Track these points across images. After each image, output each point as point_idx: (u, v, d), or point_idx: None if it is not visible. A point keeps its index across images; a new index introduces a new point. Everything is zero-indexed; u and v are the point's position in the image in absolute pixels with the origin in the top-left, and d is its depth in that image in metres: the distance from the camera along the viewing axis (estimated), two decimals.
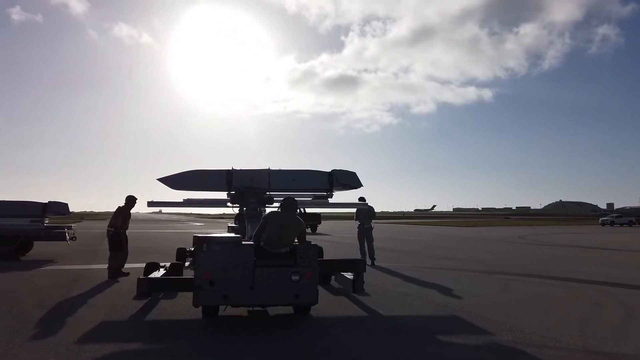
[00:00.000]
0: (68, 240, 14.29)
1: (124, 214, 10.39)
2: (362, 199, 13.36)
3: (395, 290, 8.78)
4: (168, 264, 9.03)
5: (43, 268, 11.90)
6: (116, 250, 10.01)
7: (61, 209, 14.74)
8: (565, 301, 7.92)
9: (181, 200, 9.44)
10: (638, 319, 6.63)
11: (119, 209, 10.48)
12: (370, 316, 6.74)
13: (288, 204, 6.50)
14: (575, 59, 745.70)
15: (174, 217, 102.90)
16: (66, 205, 14.86)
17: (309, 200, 9.96)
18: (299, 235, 6.36)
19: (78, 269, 11.63)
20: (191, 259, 9.60)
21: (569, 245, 22.21)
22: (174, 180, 8.88)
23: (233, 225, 10.43)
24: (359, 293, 7.78)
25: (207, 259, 5.75)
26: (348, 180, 9.37)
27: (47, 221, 14.91)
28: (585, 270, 12.10)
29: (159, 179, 8.92)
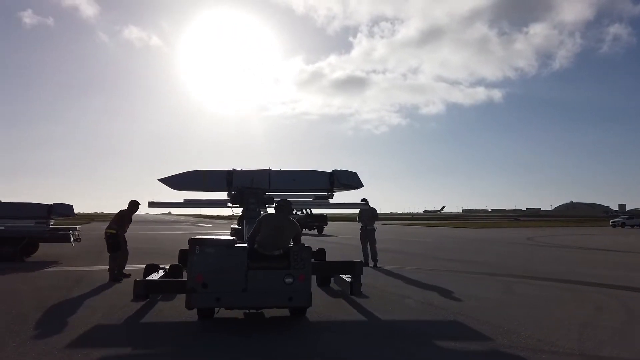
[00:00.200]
0: (72, 242, 14.39)
1: (124, 218, 10.42)
2: (365, 201, 13.30)
3: (395, 293, 8.72)
4: (168, 266, 9.03)
5: (46, 269, 11.97)
6: (114, 251, 10.04)
7: (66, 210, 14.86)
8: (568, 304, 7.82)
9: (182, 200, 9.46)
10: (639, 323, 6.52)
11: (120, 212, 10.52)
12: (366, 319, 6.68)
13: (282, 205, 6.48)
14: (586, 59, 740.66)
15: (182, 219, 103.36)
16: (71, 207, 14.98)
17: (309, 201, 9.94)
18: (294, 238, 6.32)
19: (81, 270, 11.69)
20: None
21: (577, 247, 21.98)
22: (175, 181, 8.89)
23: (236, 227, 10.41)
24: (357, 295, 7.73)
25: (200, 262, 5.74)
26: (349, 180, 9.32)
27: (52, 223, 15.04)
28: (591, 272, 11.95)
29: (159, 180, 8.93)
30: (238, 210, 9.18)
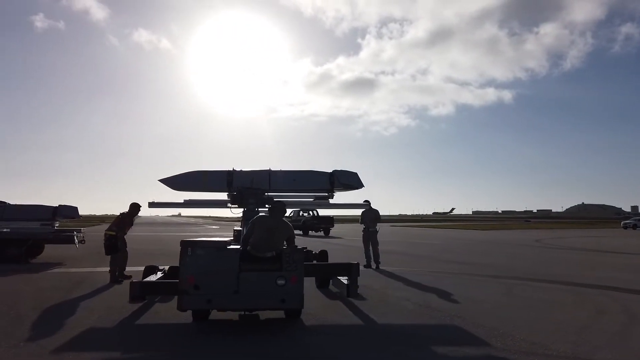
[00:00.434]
0: (77, 244, 14.49)
1: (124, 220, 10.47)
2: (367, 202, 13.26)
3: (394, 295, 8.66)
4: (167, 267, 9.05)
5: (50, 271, 12.07)
6: (113, 253, 10.08)
7: (71, 212, 14.99)
8: (568, 307, 7.71)
9: (181, 201, 9.47)
10: (639, 327, 6.41)
11: (121, 214, 10.58)
12: (362, 322, 6.64)
13: (276, 207, 6.46)
14: (598, 59, 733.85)
15: (192, 221, 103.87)
16: (76, 208, 15.10)
17: (310, 201, 9.90)
18: (287, 240, 6.30)
19: (83, 272, 11.77)
20: None
21: (585, 249, 21.71)
22: (176, 181, 8.89)
23: (239, 229, 10.39)
24: (354, 297, 7.70)
25: (192, 263, 5.75)
26: (349, 180, 9.26)
27: (58, 224, 15.16)
28: (597, 275, 11.79)
29: (160, 180, 8.95)
30: (238, 211, 9.17)
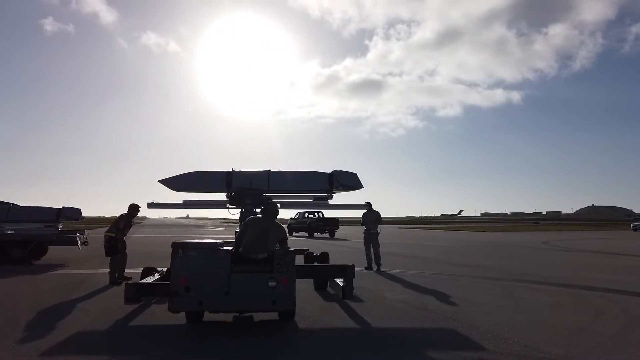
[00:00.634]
0: (79, 245, 14.60)
1: (123, 222, 10.52)
2: (368, 204, 13.22)
3: (391, 297, 8.61)
4: (165, 269, 9.06)
5: (52, 272, 12.16)
6: (112, 255, 10.13)
7: (74, 214, 15.12)
8: (567, 309, 7.62)
9: (181, 201, 9.49)
10: (637, 330, 6.32)
11: (121, 216, 10.63)
12: (356, 324, 6.59)
13: (268, 209, 6.45)
14: (608, 59, 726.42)
15: (200, 222, 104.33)
16: (79, 210, 15.22)
17: (309, 202, 9.88)
18: (280, 241, 6.29)
19: (85, 273, 11.84)
20: None
21: (593, 251, 21.47)
22: (175, 182, 8.90)
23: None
24: (349, 299, 7.67)
25: (183, 265, 5.75)
26: (348, 181, 9.22)
27: (61, 226, 15.28)
28: (601, 277, 11.65)
29: (159, 181, 8.97)
30: (235, 212, 9.17)
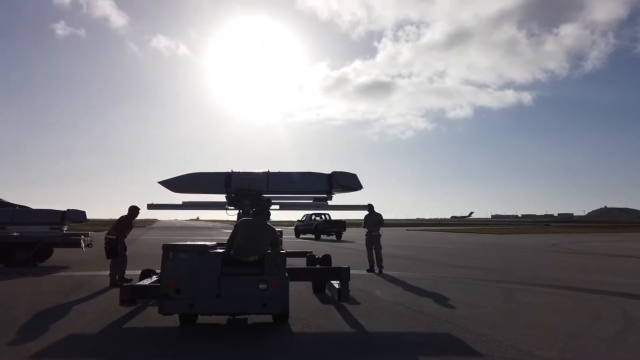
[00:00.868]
0: (83, 247, 14.69)
1: (123, 224, 10.56)
2: (371, 206, 13.19)
3: (389, 300, 8.54)
4: None
5: (55, 274, 12.24)
6: (113, 257, 10.17)
7: (79, 216, 15.24)
8: (566, 312, 7.51)
9: (180, 202, 9.51)
10: (634, 333, 6.20)
11: (121, 218, 10.68)
12: (349, 327, 6.53)
13: (260, 211, 6.43)
14: (620, 60, 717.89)
15: (210, 225, 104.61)
16: (84, 213, 15.34)
17: (308, 202, 9.86)
18: (271, 243, 6.26)
19: (87, 275, 11.92)
20: None
21: (602, 254, 21.16)
22: (175, 183, 8.94)
23: None
24: (345, 301, 7.63)
25: (173, 267, 5.74)
26: (348, 182, 9.18)
27: (66, 228, 15.40)
28: (607, 280, 11.47)
29: (159, 182, 9.00)
30: (233, 213, 9.17)
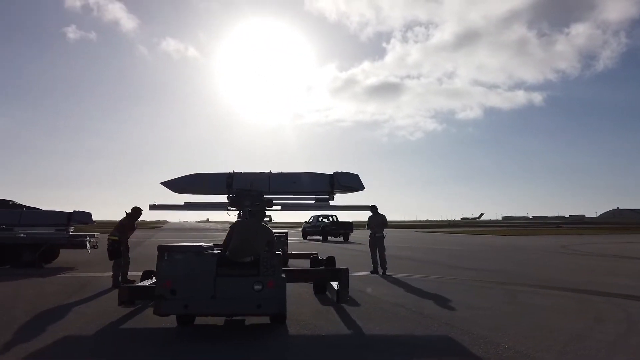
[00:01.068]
0: (88, 249, 14.78)
1: (126, 225, 10.60)
2: (374, 207, 13.14)
3: (390, 301, 8.47)
4: None
5: (60, 275, 12.31)
6: (115, 258, 10.21)
7: (84, 218, 15.34)
8: (568, 314, 7.39)
9: (182, 203, 9.53)
10: (636, 335, 6.08)
11: (123, 219, 10.72)
12: (347, 329, 6.47)
13: (255, 212, 6.41)
14: (632, 59, 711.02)
15: (219, 226, 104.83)
16: (89, 214, 15.44)
17: (310, 203, 9.84)
18: (267, 244, 6.23)
19: (90, 276, 11.96)
20: None
21: (613, 256, 20.90)
22: (176, 184, 8.96)
23: None
24: (343, 302, 7.60)
25: (168, 268, 5.74)
26: (350, 182, 9.14)
27: (72, 230, 15.52)
28: (615, 282, 11.30)
29: (161, 183, 9.03)
30: (234, 214, 9.16)
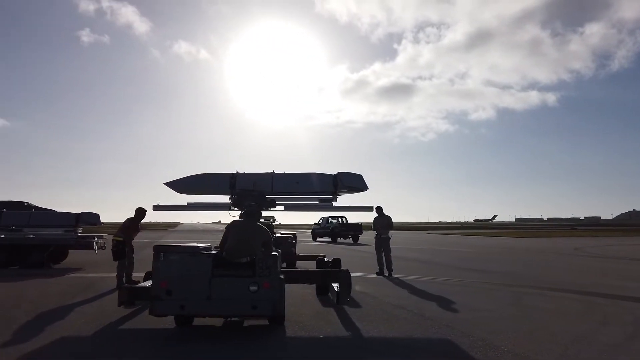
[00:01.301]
0: (96, 250, 14.90)
1: (130, 226, 10.65)
2: (380, 209, 13.06)
3: (392, 303, 8.38)
4: None
5: (67, 276, 12.41)
6: (120, 259, 10.25)
7: (93, 219, 15.44)
8: (573, 317, 7.24)
9: (185, 204, 9.56)
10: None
11: (127, 220, 10.77)
12: (345, 331, 6.40)
13: (251, 212, 6.38)
14: None
15: None
16: (97, 215, 15.54)
17: (313, 204, 9.80)
18: (264, 244, 6.20)
19: (96, 277, 12.03)
20: None
21: (626, 258, 20.51)
22: (180, 185, 8.99)
23: None
24: (343, 304, 7.55)
25: (164, 268, 5.73)
26: (353, 182, 9.08)
27: (81, 231, 15.65)
28: (626, 285, 11.07)
29: (165, 183, 9.06)
30: (236, 214, 9.16)
